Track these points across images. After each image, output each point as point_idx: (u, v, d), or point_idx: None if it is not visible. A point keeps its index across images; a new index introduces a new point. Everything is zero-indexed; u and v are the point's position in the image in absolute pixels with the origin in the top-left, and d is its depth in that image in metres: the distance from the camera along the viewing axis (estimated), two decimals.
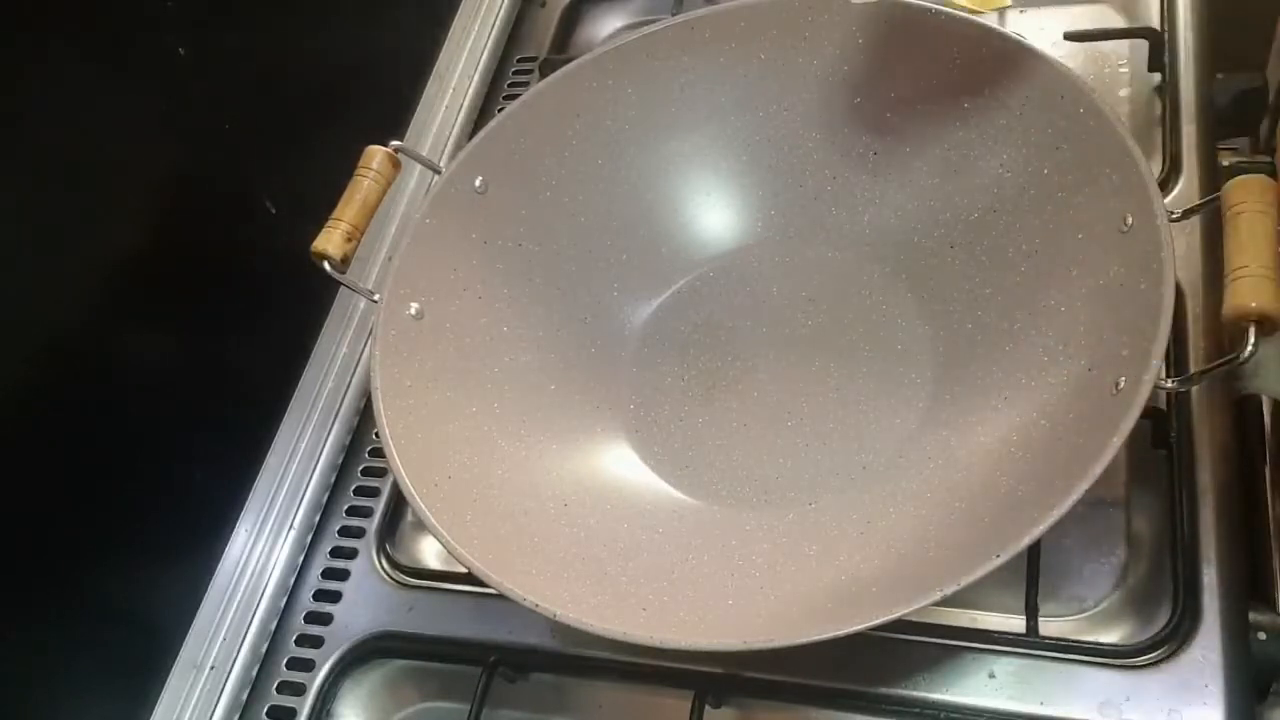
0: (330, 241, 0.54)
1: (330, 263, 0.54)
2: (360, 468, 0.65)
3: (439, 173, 0.59)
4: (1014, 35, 0.53)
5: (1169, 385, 0.44)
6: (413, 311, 0.56)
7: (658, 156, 0.62)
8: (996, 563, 0.40)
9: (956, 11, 0.54)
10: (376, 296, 0.55)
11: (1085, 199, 0.50)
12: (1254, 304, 0.41)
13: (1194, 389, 0.53)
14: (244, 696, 0.59)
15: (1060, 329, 0.50)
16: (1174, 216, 0.45)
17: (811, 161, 0.61)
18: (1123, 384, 0.43)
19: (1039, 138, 0.52)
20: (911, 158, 0.58)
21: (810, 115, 0.60)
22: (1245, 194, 0.43)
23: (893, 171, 0.59)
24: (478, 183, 0.59)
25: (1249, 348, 0.41)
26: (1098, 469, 0.40)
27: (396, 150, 0.57)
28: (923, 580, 0.42)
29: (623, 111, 0.61)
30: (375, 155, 0.57)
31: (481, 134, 0.59)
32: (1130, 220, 0.47)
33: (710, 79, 0.61)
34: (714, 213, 0.63)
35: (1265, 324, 0.41)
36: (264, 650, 0.60)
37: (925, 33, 0.55)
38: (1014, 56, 0.53)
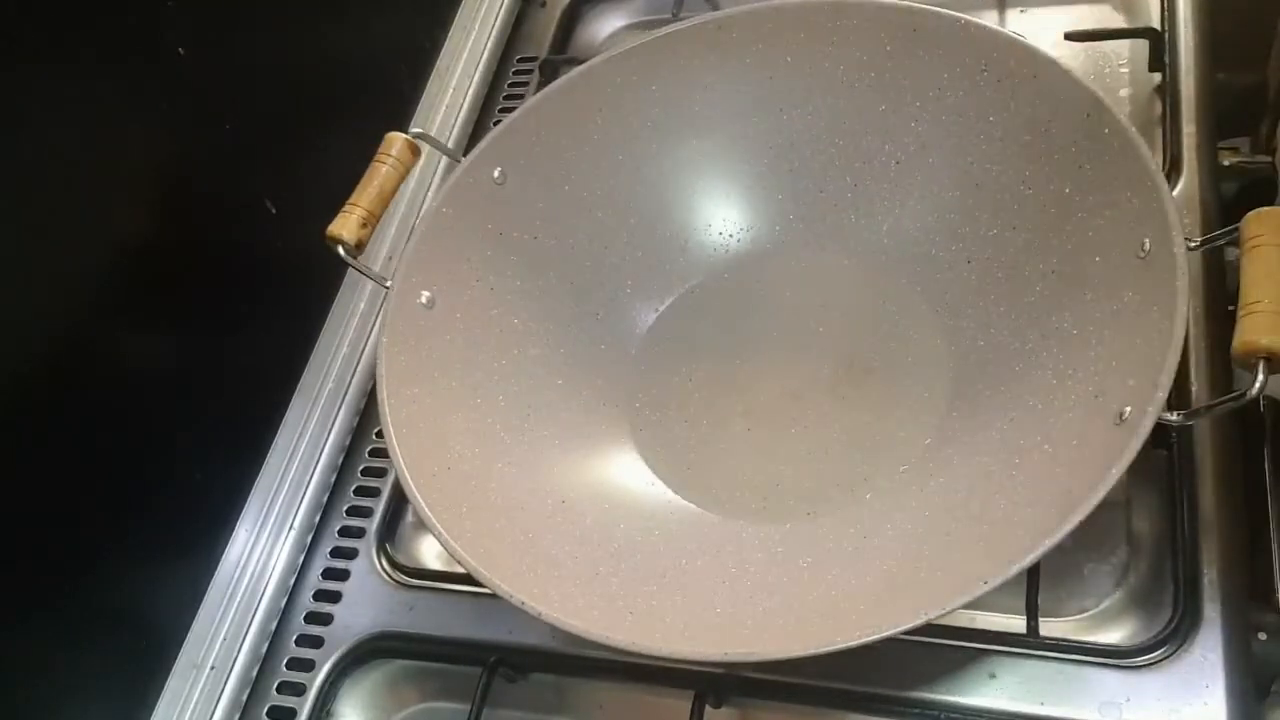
0: (345, 226, 0.54)
1: (344, 247, 0.54)
2: (361, 468, 0.65)
3: (459, 161, 0.58)
4: (1044, 52, 0.52)
5: (1173, 419, 0.43)
6: (424, 300, 0.55)
7: (679, 155, 0.62)
8: (984, 589, 0.40)
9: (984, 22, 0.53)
10: (388, 282, 0.55)
11: (1105, 221, 0.49)
12: (1264, 341, 0.40)
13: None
14: (244, 697, 0.58)
15: (1071, 352, 0.49)
16: (1191, 246, 0.45)
17: (833, 167, 0.61)
18: (1128, 414, 0.43)
19: (1062, 156, 0.51)
20: (934, 169, 0.58)
21: (834, 121, 0.60)
22: (1263, 227, 0.43)
23: (914, 182, 0.59)
24: (497, 173, 0.58)
25: (1257, 384, 0.40)
26: (1094, 500, 0.40)
27: (416, 138, 0.57)
28: (910, 601, 0.42)
29: (646, 109, 0.61)
30: (395, 142, 0.56)
31: (503, 124, 0.59)
32: (1148, 246, 0.46)
33: (735, 79, 0.60)
34: (732, 214, 0.63)
35: (1274, 361, 0.40)
36: (264, 650, 0.60)
37: (953, 43, 0.54)
38: (1041, 72, 0.52)
